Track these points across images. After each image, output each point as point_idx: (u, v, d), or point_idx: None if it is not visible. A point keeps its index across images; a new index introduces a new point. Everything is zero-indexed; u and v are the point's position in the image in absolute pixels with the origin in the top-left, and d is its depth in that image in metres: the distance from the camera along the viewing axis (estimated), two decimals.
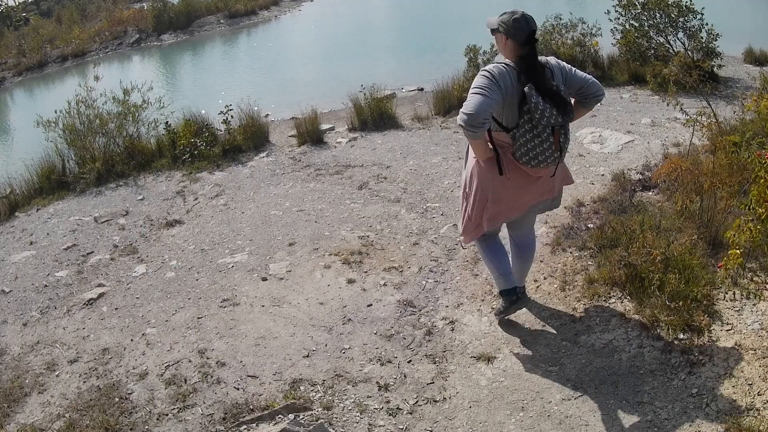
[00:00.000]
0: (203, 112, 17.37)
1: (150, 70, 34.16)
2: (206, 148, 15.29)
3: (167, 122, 16.11)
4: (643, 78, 18.57)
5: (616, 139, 13.20)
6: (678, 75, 16.70)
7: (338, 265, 9.58)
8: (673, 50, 19.43)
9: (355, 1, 57.38)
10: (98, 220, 12.71)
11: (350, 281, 9.07)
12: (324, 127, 17.07)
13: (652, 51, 19.71)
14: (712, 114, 10.98)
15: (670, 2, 19.15)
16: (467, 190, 6.71)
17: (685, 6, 19.04)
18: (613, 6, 20.47)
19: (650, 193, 10.09)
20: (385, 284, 8.87)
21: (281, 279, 9.76)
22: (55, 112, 15.82)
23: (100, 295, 10.00)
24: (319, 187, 13.11)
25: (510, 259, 7.27)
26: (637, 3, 19.79)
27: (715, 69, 18.92)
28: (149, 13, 44.84)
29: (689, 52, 19.03)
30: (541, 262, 8.61)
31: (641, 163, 11.59)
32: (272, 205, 12.50)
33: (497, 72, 5.86)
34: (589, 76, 6.30)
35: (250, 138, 15.89)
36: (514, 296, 7.07)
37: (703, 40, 19.01)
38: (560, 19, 21.20)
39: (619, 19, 20.28)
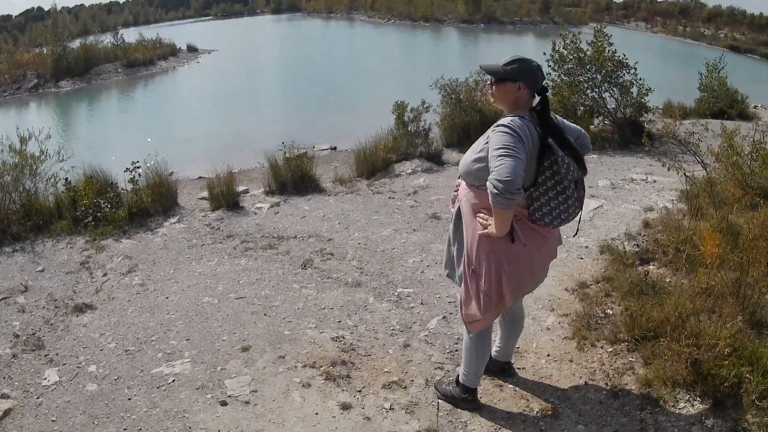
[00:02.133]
0: (105, 168, 15.22)
1: (48, 118, 32.18)
2: (111, 211, 13.22)
3: (67, 179, 14.20)
4: None
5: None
6: (612, 132, 17.84)
7: (320, 382, 7.32)
8: (606, 106, 18.84)
9: (253, 54, 57.16)
10: None
11: (345, 406, 6.79)
12: (238, 189, 14.97)
13: (583, 107, 18.94)
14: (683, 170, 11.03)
15: (607, 57, 18.51)
16: (474, 267, 5.64)
17: (620, 60, 18.46)
18: (546, 61, 19.21)
19: (651, 267, 9.09)
20: (392, 408, 6.70)
21: (247, 403, 7.04)
22: None
23: (6, 413, 7.21)
24: (253, 265, 10.81)
25: (498, 337, 6.73)
26: (571, 57, 18.91)
27: (646, 124, 18.33)
28: (48, 58, 43.32)
29: (621, 108, 18.58)
30: (571, 361, 7.18)
31: (622, 232, 10.90)
32: (202, 289, 9.97)
33: (518, 126, 5.07)
34: (579, 126, 5.80)
35: (158, 200, 13.91)
36: (477, 401, 6.43)
37: (635, 95, 18.51)
38: (483, 73, 19.12)
39: (550, 74, 19.12)
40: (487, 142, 5.20)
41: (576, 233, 6.59)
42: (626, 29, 22.52)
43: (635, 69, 18.61)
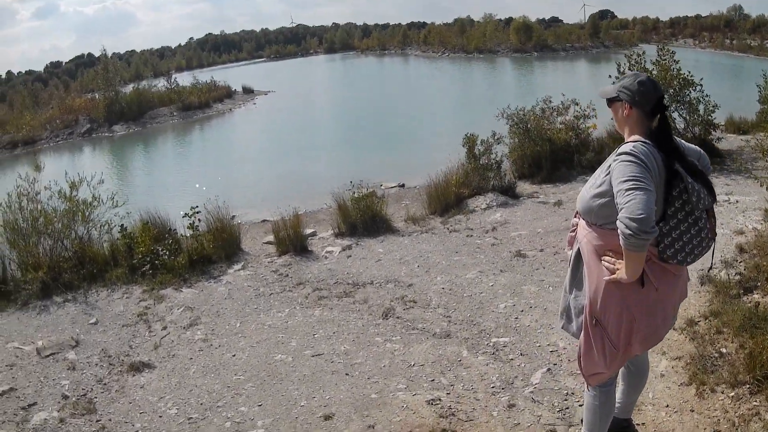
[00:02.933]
0: (162, 213, 14.53)
1: (101, 163, 31.93)
2: (169, 258, 12.50)
3: (122, 225, 13.43)
4: None
5: None
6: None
7: None
8: (676, 127, 17.91)
9: (310, 94, 56.83)
10: (41, 353, 9.39)
11: None
12: (305, 231, 14.09)
13: None
14: None
15: (674, 75, 17.90)
16: (599, 317, 4.98)
17: (686, 78, 17.82)
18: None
19: (756, 296, 8.28)
20: None
21: None
22: None
23: None
24: (328, 316, 9.84)
25: (620, 391, 5.87)
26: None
27: (715, 143, 17.85)
28: (101, 103, 43.50)
29: (690, 127, 17.89)
30: (693, 411, 6.44)
31: (717, 260, 9.69)
32: (273, 345, 9.05)
33: (642, 154, 4.50)
34: (696, 146, 5.24)
35: (220, 246, 13.14)
36: None
37: (701, 113, 17.85)
38: (550, 102, 19.18)
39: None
40: (608, 174, 4.67)
41: (711, 267, 6.09)
42: (674, 47, 21.78)
43: (701, 86, 17.97)
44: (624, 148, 4.65)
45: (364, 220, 14.32)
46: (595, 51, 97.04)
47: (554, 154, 18.38)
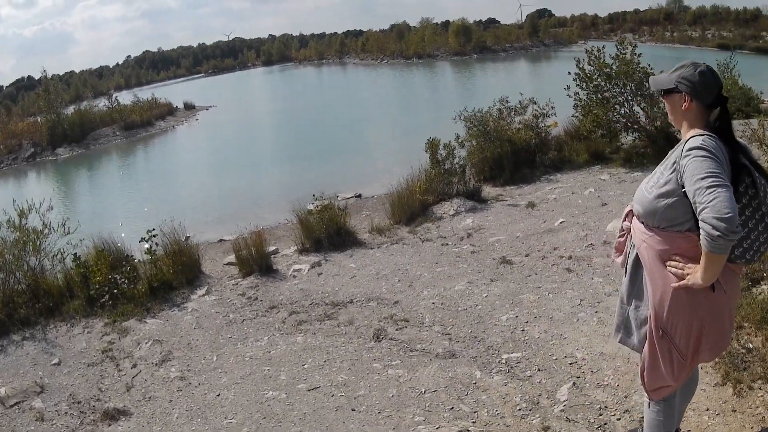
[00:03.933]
0: (115, 238, 13.61)
1: (47, 188, 30.96)
2: (129, 286, 11.61)
3: (75, 253, 12.48)
4: (601, 155, 17.74)
5: None
6: (645, 147, 17.30)
7: None
8: (638, 121, 18.00)
9: (252, 107, 56.34)
10: (5, 403, 8.48)
11: None
12: (268, 249, 13.25)
13: (618, 124, 18.13)
14: None
15: (635, 69, 17.62)
16: (665, 326, 4.63)
17: (647, 72, 17.36)
18: (573, 80, 18.52)
19: (764, 287, 8.01)
20: None
21: None
22: None
23: None
24: (313, 343, 9.02)
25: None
26: (599, 73, 18.01)
27: (676, 134, 16.72)
28: (43, 126, 42.79)
29: (652, 120, 17.64)
30: (735, 411, 6.11)
31: None
32: (260, 380, 8.23)
33: (713, 147, 4.14)
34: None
35: (180, 270, 12.26)
36: None
37: (663, 106, 16.76)
38: (507, 102, 18.79)
39: (578, 93, 18.45)
40: (673, 171, 4.34)
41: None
42: (614, 42, 21.75)
43: None
44: (693, 142, 4.29)
45: (328, 233, 13.59)
46: (535, 50, 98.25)
47: (515, 155, 17.95)
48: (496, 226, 13.62)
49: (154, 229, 12.67)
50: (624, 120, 18.00)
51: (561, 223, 12.89)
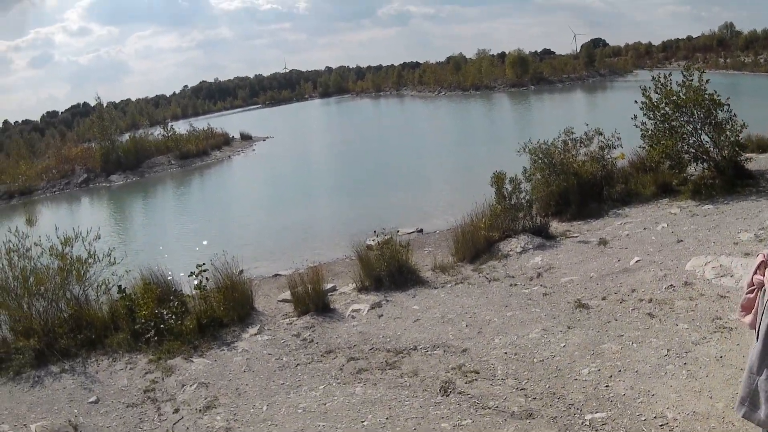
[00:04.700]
0: (164, 271, 12.93)
1: (99, 215, 30.81)
2: (176, 322, 11.02)
3: (120, 285, 11.83)
4: (668, 187, 16.94)
5: (742, 267, 10.33)
6: (713, 177, 16.32)
7: None
8: (707, 151, 17.02)
9: (309, 138, 55.95)
10: None
11: None
12: (325, 286, 12.52)
13: (687, 155, 17.14)
14: None
15: (705, 96, 16.62)
16: None
17: (715, 99, 16.51)
18: (640, 108, 17.52)
19: None
20: None
21: None
22: None
23: None
24: (374, 395, 8.21)
25: None
26: (666, 101, 17.06)
27: (744, 164, 16.83)
28: (97, 152, 42.84)
29: (718, 150, 16.73)
30: None
31: None
32: None
33: None
34: None
35: (231, 306, 11.61)
36: None
37: (729, 134, 16.60)
38: (572, 133, 18.02)
39: (645, 123, 17.48)
40: None
41: None
42: (668, 70, 21.19)
43: (728, 105, 16.69)
44: None
45: (389, 271, 12.79)
46: (591, 80, 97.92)
47: (582, 189, 17.11)
48: (567, 265, 12.76)
49: (204, 264, 11.98)
50: (693, 150, 17.13)
51: (637, 261, 11.98)
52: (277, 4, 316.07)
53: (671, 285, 10.37)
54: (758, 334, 4.40)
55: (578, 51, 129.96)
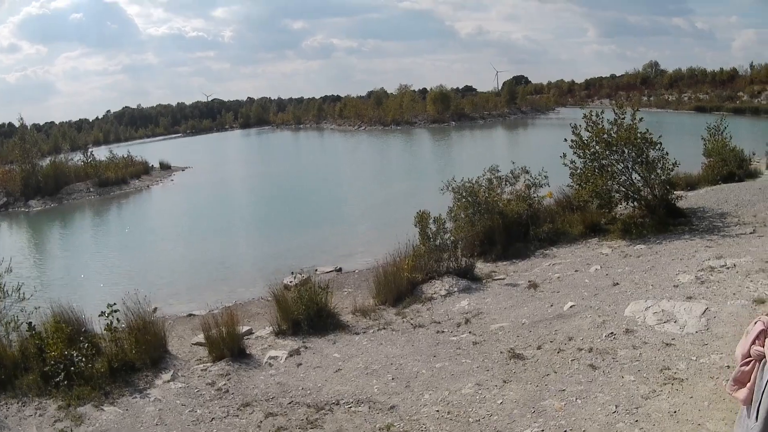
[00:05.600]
0: (77, 307, 12.30)
1: (17, 243, 30.19)
2: (86, 365, 10.39)
3: (30, 323, 11.15)
4: (597, 226, 16.85)
5: (686, 312, 10.17)
6: (644, 216, 16.62)
7: None
8: (639, 189, 17.13)
9: (228, 170, 55.33)
10: None
11: None
12: (240, 329, 12.04)
13: (620, 193, 17.22)
14: None
15: (639, 135, 16.76)
16: None
17: (646, 138, 16.69)
18: (570, 146, 17.50)
19: None
20: None
21: None
22: None
23: None
24: None
25: None
26: (596, 140, 17.13)
27: (675, 202, 17.08)
28: (17, 175, 41.68)
29: (650, 188, 16.86)
30: None
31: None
32: None
33: None
34: None
35: (144, 350, 11.07)
36: None
37: (661, 172, 16.81)
38: (497, 171, 17.77)
39: (574, 162, 17.46)
40: None
41: None
42: (591, 108, 21.31)
43: (660, 143, 16.89)
44: None
45: (308, 315, 12.29)
46: (513, 117, 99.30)
47: (507, 228, 16.86)
48: (496, 310, 12.36)
49: (114, 304, 11.35)
50: (624, 189, 17.10)
51: (571, 307, 11.58)
52: (203, 32, 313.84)
53: (611, 332, 9.98)
54: (757, 414, 4.09)
55: (500, 88, 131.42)
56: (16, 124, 48.44)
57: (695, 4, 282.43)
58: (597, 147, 17.05)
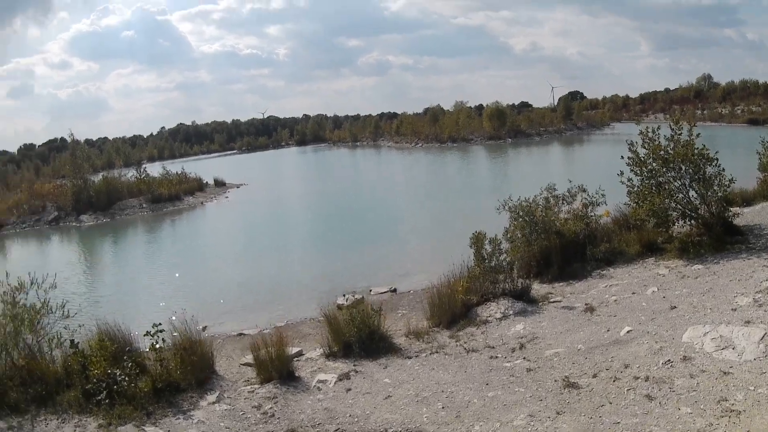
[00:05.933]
0: (123, 324, 12.13)
1: (67, 256, 30.14)
2: (129, 384, 10.13)
3: (72, 340, 10.90)
4: (654, 245, 16.10)
5: (744, 337, 9.52)
6: (701, 234, 15.78)
7: None
8: (696, 207, 16.33)
9: (284, 187, 55.14)
10: None
11: None
12: (290, 351, 11.67)
13: (677, 211, 16.41)
14: None
15: (695, 152, 15.96)
16: None
17: (704, 154, 15.89)
18: (627, 163, 16.72)
19: None
20: None
21: None
22: None
23: None
24: None
25: None
26: (653, 157, 16.31)
27: (731, 219, 16.28)
28: (69, 190, 41.81)
29: (706, 206, 16.12)
30: None
31: None
32: None
33: None
34: None
35: (189, 370, 10.76)
36: None
37: (717, 189, 16.02)
38: (554, 189, 17.19)
39: (632, 179, 16.68)
40: None
41: None
42: (645, 123, 20.70)
43: (717, 160, 16.02)
44: None
45: (359, 337, 11.94)
46: (569, 133, 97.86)
47: (564, 248, 16.27)
48: (551, 334, 11.85)
49: (160, 324, 11.12)
50: (680, 207, 16.40)
51: (628, 332, 11.00)
52: (257, 50, 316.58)
53: (669, 360, 9.38)
54: None
55: (556, 104, 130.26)
56: (68, 139, 48.59)
57: (746, 14, 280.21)
58: (654, 164, 16.39)
